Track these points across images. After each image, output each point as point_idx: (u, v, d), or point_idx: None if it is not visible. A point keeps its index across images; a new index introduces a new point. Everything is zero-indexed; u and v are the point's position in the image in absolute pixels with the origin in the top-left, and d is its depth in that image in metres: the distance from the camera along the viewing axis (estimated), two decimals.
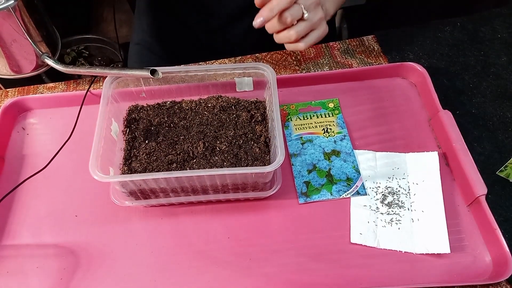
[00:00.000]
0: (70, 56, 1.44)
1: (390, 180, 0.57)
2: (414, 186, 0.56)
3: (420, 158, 0.58)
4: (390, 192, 0.56)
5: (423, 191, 0.56)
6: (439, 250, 0.51)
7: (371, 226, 0.53)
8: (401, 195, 0.56)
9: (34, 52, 0.58)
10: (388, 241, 0.52)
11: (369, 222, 0.54)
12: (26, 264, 0.53)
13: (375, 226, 0.53)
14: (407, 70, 0.66)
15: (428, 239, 0.52)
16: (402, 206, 0.55)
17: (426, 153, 0.58)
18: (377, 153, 0.59)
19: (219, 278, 0.51)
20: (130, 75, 0.53)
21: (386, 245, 0.52)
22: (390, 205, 0.55)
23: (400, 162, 0.58)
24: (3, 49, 0.55)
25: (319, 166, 0.59)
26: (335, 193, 0.56)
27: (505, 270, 0.49)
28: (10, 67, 0.58)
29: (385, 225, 0.53)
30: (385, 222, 0.54)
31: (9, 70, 0.58)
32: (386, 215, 0.54)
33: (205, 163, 0.54)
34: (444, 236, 0.52)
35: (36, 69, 0.60)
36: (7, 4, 0.51)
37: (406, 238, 0.52)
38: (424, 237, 0.52)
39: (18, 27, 0.53)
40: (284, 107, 0.65)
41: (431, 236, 0.52)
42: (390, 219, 0.54)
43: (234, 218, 0.56)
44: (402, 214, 0.54)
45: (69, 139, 0.56)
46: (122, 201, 0.53)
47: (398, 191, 0.56)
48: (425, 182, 0.56)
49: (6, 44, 0.54)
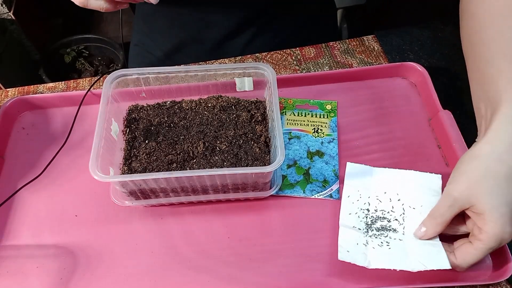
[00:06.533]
0: (70, 56, 1.44)
1: (383, 201, 0.53)
2: (410, 210, 0.52)
3: (421, 179, 0.53)
4: (381, 216, 0.52)
5: (420, 216, 0.50)
6: (439, 266, 0.46)
7: (360, 248, 0.49)
8: (393, 222, 0.51)
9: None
10: (380, 261, 0.48)
11: (358, 244, 0.49)
12: (26, 264, 0.53)
13: (364, 247, 0.49)
14: (407, 70, 0.66)
15: (424, 256, 0.48)
16: (394, 231, 0.51)
17: (429, 175, 0.54)
18: (374, 168, 0.56)
19: (219, 278, 0.51)
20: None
21: (378, 265, 0.47)
22: (381, 229, 0.51)
23: (398, 181, 0.54)
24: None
25: (299, 164, 0.59)
26: (308, 192, 0.56)
27: (505, 270, 0.49)
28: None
29: (374, 247, 0.49)
30: (376, 244, 0.50)
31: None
32: (376, 238, 0.50)
33: (205, 163, 0.54)
34: (441, 252, 0.47)
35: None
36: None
37: (400, 256, 0.48)
38: (420, 254, 0.48)
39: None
40: (282, 100, 0.65)
41: (427, 252, 0.48)
42: (380, 242, 0.50)
43: (234, 218, 0.56)
44: (394, 237, 0.50)
45: (65, 143, 0.56)
46: (122, 201, 0.53)
47: (390, 215, 0.52)
48: (423, 207, 0.51)
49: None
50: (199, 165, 0.54)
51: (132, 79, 0.56)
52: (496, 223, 0.42)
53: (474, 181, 0.44)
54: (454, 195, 0.45)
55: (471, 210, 0.45)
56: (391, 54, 0.70)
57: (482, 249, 0.44)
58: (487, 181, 0.43)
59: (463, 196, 0.45)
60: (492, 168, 0.43)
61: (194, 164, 0.54)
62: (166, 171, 0.51)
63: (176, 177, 0.48)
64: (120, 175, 0.52)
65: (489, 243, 0.43)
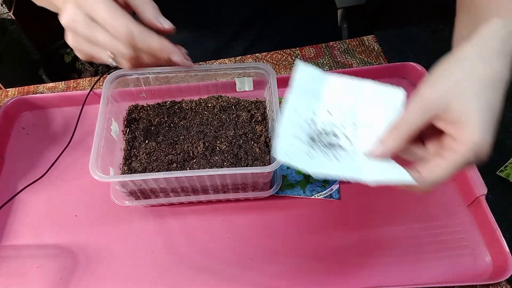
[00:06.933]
0: (70, 56, 1.44)
1: (334, 115, 0.43)
2: (364, 126, 0.43)
3: (382, 92, 0.43)
4: (329, 131, 0.43)
5: (375, 134, 0.41)
6: (399, 179, 0.37)
7: (302, 155, 0.39)
8: (343, 138, 0.42)
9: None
10: (329, 169, 0.38)
11: (300, 151, 0.40)
12: (26, 264, 0.53)
13: (307, 156, 0.40)
14: (407, 70, 0.66)
15: (380, 169, 0.39)
16: (343, 149, 0.42)
17: (391, 88, 0.43)
18: (329, 76, 0.45)
19: (219, 277, 0.51)
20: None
21: (324, 171, 0.37)
22: (327, 146, 0.42)
23: (354, 93, 0.44)
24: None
25: None
26: (308, 192, 0.56)
27: (505, 270, 0.49)
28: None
29: (320, 158, 0.40)
30: (321, 156, 0.40)
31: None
32: (321, 153, 0.41)
33: (205, 163, 0.54)
34: (399, 168, 0.39)
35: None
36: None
37: (352, 167, 0.40)
38: (375, 167, 0.40)
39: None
40: (282, 100, 0.65)
41: (383, 166, 0.39)
42: (327, 156, 0.41)
43: (234, 218, 0.56)
44: (342, 154, 0.41)
45: (69, 143, 0.56)
46: (122, 201, 0.53)
47: (340, 130, 0.43)
48: (380, 124, 0.42)
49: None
50: (199, 165, 0.54)
51: (132, 79, 0.56)
52: (477, 128, 0.35)
53: (456, 82, 0.37)
54: (429, 97, 0.37)
55: (444, 121, 0.37)
56: (391, 54, 0.70)
57: (455, 161, 0.36)
58: (471, 82, 0.36)
59: (441, 99, 0.37)
60: (478, 69, 0.37)
61: (194, 164, 0.54)
62: (166, 171, 0.52)
63: (176, 177, 0.48)
64: (120, 175, 0.52)
65: (465, 153, 0.36)
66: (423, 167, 0.37)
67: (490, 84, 0.36)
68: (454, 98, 0.36)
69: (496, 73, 0.37)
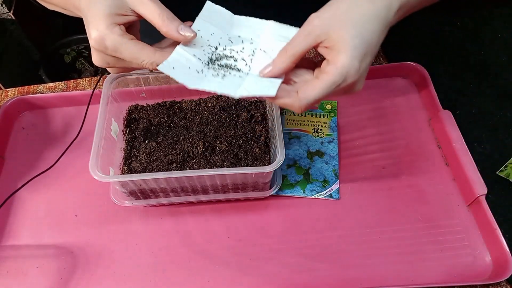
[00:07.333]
0: (70, 56, 1.44)
1: (235, 42, 0.48)
2: (260, 53, 0.47)
3: (280, 29, 0.48)
4: (228, 55, 0.47)
5: (269, 59, 0.45)
6: (263, 93, 0.41)
7: (190, 71, 0.44)
8: (240, 61, 0.46)
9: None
10: (203, 84, 0.43)
11: (190, 68, 0.44)
12: (26, 264, 0.53)
13: (196, 73, 0.44)
14: (407, 70, 0.66)
15: (254, 85, 0.43)
16: (238, 70, 0.46)
17: (289, 27, 0.48)
18: (235, 16, 0.50)
19: (219, 277, 0.51)
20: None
21: (197, 85, 0.42)
22: (224, 66, 0.46)
23: (255, 29, 0.49)
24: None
25: (300, 163, 0.59)
26: (308, 192, 0.56)
27: (505, 270, 0.49)
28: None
29: (207, 75, 0.45)
30: (210, 74, 0.45)
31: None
32: (214, 71, 0.45)
33: (205, 163, 0.54)
34: (275, 83, 0.43)
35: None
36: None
37: (228, 84, 0.44)
38: (250, 83, 0.44)
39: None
40: None
41: (259, 83, 0.43)
42: (216, 74, 0.45)
43: (234, 218, 0.56)
44: (235, 74, 0.45)
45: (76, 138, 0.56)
46: (122, 201, 0.53)
47: (239, 55, 0.47)
48: (274, 51, 0.46)
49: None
50: (199, 165, 0.54)
51: (132, 79, 0.56)
52: (347, 53, 0.40)
53: (340, 11, 0.42)
54: (314, 24, 0.43)
55: (325, 45, 0.42)
56: (391, 54, 0.70)
57: (326, 81, 0.41)
58: (352, 14, 0.42)
59: (324, 24, 0.42)
60: (362, 4, 0.42)
61: (194, 164, 0.54)
62: (166, 171, 0.51)
63: (176, 177, 0.48)
64: (120, 175, 0.52)
65: (334, 75, 0.41)
66: (301, 87, 0.42)
67: (369, 19, 0.42)
68: (334, 26, 0.41)
69: (376, 10, 0.42)
